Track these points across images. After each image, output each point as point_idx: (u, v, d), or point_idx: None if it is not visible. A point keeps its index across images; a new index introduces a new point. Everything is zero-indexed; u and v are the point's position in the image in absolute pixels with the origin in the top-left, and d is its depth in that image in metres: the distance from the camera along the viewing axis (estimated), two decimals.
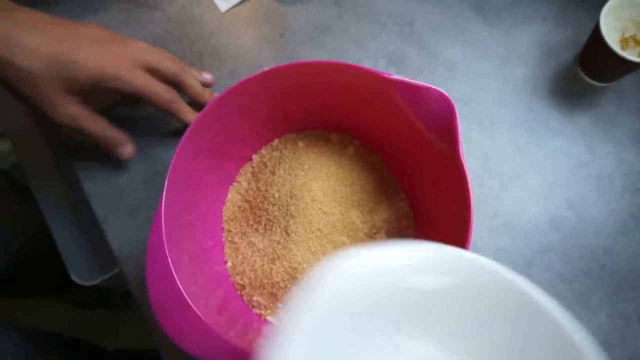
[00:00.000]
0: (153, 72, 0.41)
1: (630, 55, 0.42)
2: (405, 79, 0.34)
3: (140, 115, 0.48)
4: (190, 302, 0.33)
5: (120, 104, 0.46)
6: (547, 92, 0.49)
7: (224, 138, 0.40)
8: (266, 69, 0.35)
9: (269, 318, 0.40)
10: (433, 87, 0.34)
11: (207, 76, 0.47)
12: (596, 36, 0.43)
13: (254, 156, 0.43)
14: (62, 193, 0.54)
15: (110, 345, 0.99)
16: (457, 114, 0.48)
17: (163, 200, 0.35)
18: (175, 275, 0.33)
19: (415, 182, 0.42)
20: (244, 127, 0.41)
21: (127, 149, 0.44)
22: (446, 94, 0.34)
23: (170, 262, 0.33)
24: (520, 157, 0.47)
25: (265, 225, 0.41)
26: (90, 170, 0.47)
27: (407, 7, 0.51)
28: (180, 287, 0.33)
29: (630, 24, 0.45)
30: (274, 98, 0.39)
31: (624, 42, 0.45)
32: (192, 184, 0.40)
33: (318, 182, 0.40)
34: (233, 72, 0.49)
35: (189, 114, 0.43)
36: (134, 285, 0.45)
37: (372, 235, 0.41)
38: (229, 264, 0.41)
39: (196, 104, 0.45)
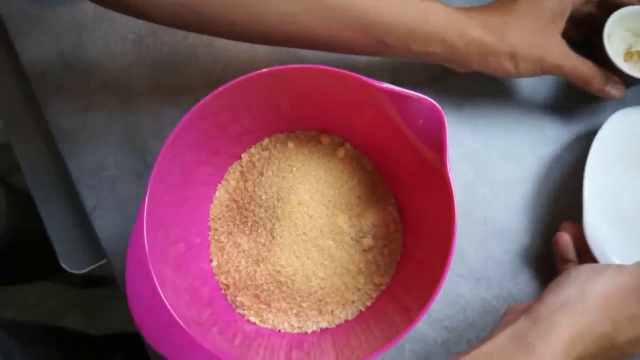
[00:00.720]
0: None
1: (630, 69, 0.41)
2: (397, 89, 0.33)
3: (132, 105, 0.48)
4: (167, 304, 0.32)
5: None
6: (544, 98, 0.48)
7: (215, 134, 0.40)
8: (261, 70, 0.35)
9: (251, 319, 0.40)
10: (424, 97, 0.33)
11: None
12: (598, 45, 0.42)
13: (243, 155, 0.43)
14: (53, 179, 0.53)
15: (102, 325, 1.01)
16: (452, 118, 0.47)
17: (147, 194, 0.34)
18: (154, 275, 0.33)
19: (403, 187, 0.42)
20: (235, 124, 0.41)
21: (618, 87, 0.42)
22: (437, 105, 0.33)
23: (149, 260, 0.33)
24: (513, 164, 0.47)
25: (251, 226, 0.41)
26: (80, 160, 0.47)
27: None
28: (159, 288, 0.33)
29: (634, 37, 0.43)
30: (267, 98, 0.39)
31: (629, 55, 0.43)
32: (181, 179, 0.39)
33: (306, 185, 0.40)
34: (227, 66, 0.49)
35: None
36: (120, 277, 0.45)
37: (358, 240, 0.41)
38: (215, 262, 0.41)
39: None
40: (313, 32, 0.37)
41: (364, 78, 0.34)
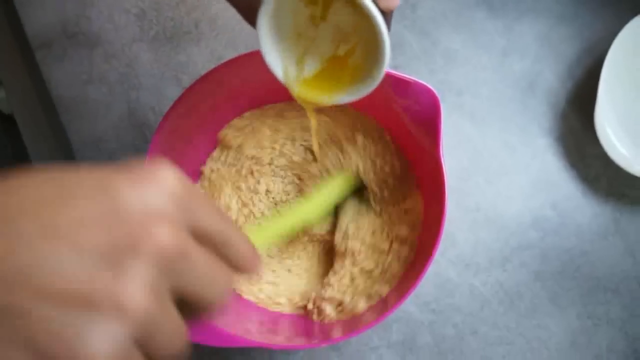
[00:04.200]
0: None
1: None
2: (395, 73, 0.34)
3: (134, 79, 0.48)
4: None
5: None
6: (542, 89, 0.48)
7: (213, 112, 0.40)
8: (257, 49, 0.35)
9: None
10: (421, 82, 0.34)
11: None
12: None
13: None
14: (53, 149, 0.54)
15: None
16: (450, 106, 0.48)
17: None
18: None
19: None
20: (229, 102, 0.41)
21: None
22: (433, 90, 0.34)
23: None
24: (509, 153, 0.47)
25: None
26: (81, 132, 0.48)
27: None
28: None
29: None
30: (263, 75, 0.39)
31: None
32: (177, 152, 0.40)
33: None
34: (228, 44, 0.49)
35: None
36: None
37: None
38: None
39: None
40: None
41: None
